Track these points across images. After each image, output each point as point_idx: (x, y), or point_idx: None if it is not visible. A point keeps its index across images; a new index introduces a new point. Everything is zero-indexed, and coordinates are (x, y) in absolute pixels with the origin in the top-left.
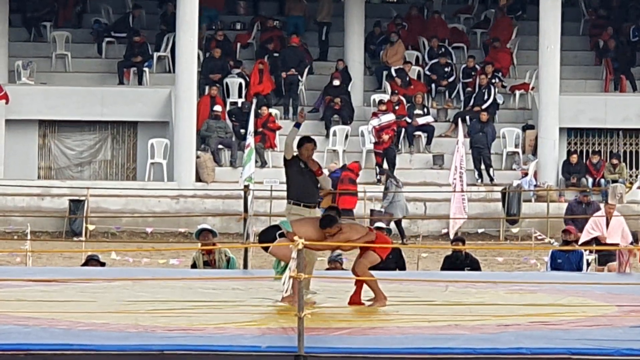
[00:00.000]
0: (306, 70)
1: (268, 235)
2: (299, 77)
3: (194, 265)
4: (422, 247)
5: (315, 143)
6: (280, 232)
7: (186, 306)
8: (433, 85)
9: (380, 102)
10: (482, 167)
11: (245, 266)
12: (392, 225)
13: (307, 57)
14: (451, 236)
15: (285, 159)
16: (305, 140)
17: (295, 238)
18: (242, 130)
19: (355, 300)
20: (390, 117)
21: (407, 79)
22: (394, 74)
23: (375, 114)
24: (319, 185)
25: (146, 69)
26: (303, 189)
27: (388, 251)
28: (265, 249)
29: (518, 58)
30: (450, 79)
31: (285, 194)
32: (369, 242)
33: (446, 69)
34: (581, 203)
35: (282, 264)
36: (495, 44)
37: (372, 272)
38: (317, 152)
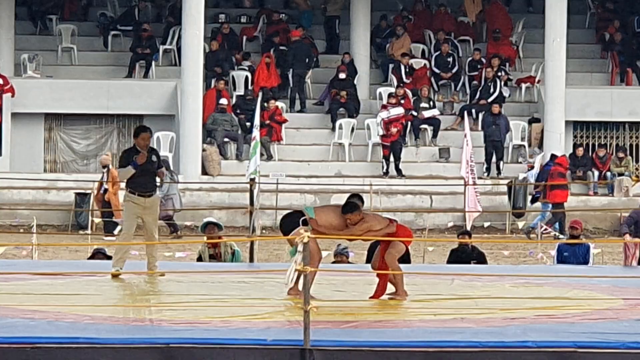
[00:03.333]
0: (312, 64)
1: (291, 221)
2: (306, 72)
3: (199, 259)
4: (428, 240)
5: (151, 132)
6: (303, 218)
7: (192, 299)
8: (433, 79)
9: (390, 95)
10: (494, 159)
11: (251, 259)
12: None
13: (313, 51)
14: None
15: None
16: (141, 130)
17: (302, 231)
18: (248, 124)
19: (379, 294)
20: (399, 110)
21: (411, 71)
22: (402, 71)
23: (385, 107)
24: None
25: (152, 62)
26: (139, 178)
27: (411, 242)
28: (284, 234)
29: (524, 51)
30: (454, 70)
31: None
32: (390, 234)
33: (448, 59)
34: None
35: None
36: (495, 35)
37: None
38: (323, 146)
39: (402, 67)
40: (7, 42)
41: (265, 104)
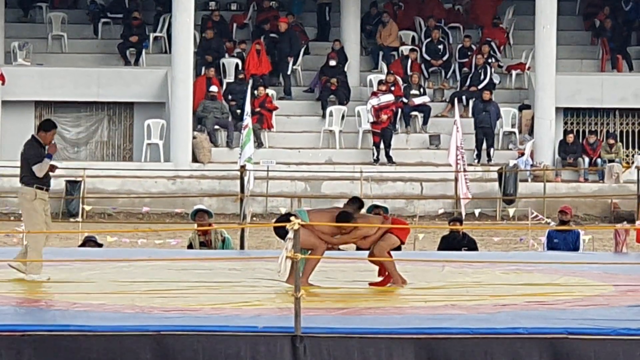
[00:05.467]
0: (302, 51)
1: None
2: (294, 60)
3: (190, 246)
4: (419, 227)
5: (56, 127)
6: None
7: (182, 287)
8: (424, 66)
9: (380, 82)
10: (484, 146)
11: (241, 247)
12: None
13: (302, 38)
14: (463, 216)
15: (27, 145)
16: (53, 126)
17: (292, 218)
18: (238, 111)
19: (383, 283)
20: (389, 97)
21: (401, 58)
22: (397, 55)
23: (375, 94)
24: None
25: (142, 50)
26: (46, 173)
27: (408, 233)
28: (282, 236)
29: (514, 38)
30: (445, 57)
31: None
32: (386, 230)
33: (439, 47)
34: None
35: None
36: (495, 21)
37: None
38: (313, 133)
39: (405, 57)
40: None
41: (256, 92)
